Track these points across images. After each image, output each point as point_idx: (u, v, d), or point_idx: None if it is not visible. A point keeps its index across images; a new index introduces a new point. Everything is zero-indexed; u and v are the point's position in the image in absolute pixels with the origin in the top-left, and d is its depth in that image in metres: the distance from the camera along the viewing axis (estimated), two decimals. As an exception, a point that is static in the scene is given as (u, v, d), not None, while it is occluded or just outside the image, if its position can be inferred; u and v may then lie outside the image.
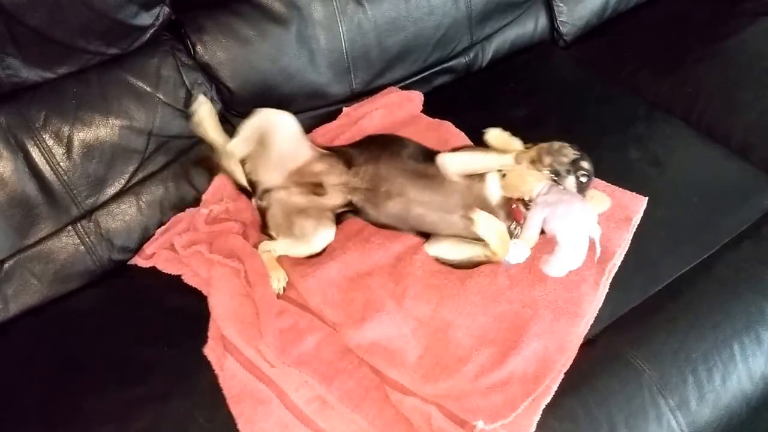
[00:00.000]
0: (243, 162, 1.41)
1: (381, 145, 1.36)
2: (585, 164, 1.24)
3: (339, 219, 1.36)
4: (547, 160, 1.20)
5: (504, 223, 1.23)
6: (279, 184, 1.36)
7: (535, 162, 1.21)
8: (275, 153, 1.37)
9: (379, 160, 1.32)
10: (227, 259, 1.32)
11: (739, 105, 1.59)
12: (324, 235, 1.31)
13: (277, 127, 1.37)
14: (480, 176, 1.27)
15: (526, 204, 1.23)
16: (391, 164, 1.31)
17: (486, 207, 1.25)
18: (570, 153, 1.21)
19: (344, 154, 1.37)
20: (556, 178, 1.22)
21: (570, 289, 1.20)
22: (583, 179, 1.23)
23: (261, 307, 1.23)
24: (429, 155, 1.33)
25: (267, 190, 1.37)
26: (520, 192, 1.23)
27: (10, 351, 1.27)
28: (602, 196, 1.30)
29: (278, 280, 1.28)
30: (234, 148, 1.39)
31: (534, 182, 1.22)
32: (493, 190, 1.27)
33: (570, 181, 1.22)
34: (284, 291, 1.29)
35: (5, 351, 1.27)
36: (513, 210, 1.25)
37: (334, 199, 1.34)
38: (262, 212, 1.38)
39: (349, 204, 1.34)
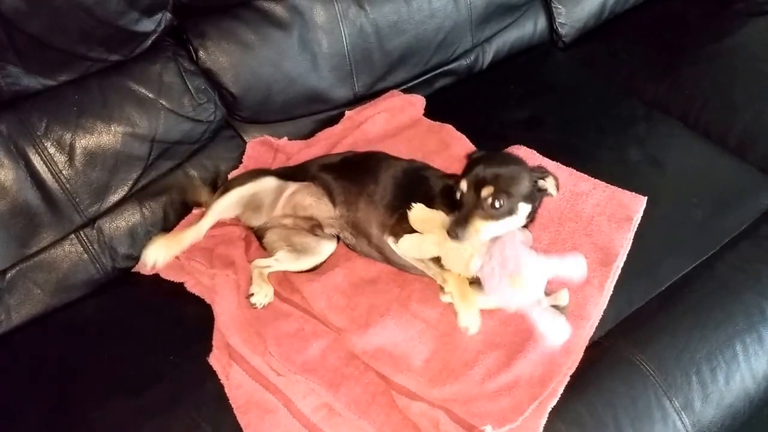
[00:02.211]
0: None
1: (360, 181, 1.30)
2: (486, 192, 1.10)
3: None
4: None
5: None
6: (276, 216, 1.35)
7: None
8: (263, 203, 1.35)
9: (357, 207, 1.29)
10: (227, 269, 1.31)
11: (736, 105, 1.61)
12: (326, 247, 1.31)
13: (258, 188, 1.34)
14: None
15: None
16: (368, 214, 1.28)
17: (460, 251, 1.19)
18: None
19: (325, 184, 1.33)
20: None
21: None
22: (496, 203, 1.10)
23: (254, 323, 1.23)
24: (404, 187, 1.28)
25: (264, 228, 1.36)
26: (466, 270, 1.13)
27: (13, 361, 1.26)
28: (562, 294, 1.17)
29: (264, 296, 1.26)
30: (202, 230, 1.33)
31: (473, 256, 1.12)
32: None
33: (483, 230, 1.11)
34: (269, 304, 1.27)
35: (9, 361, 1.26)
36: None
37: (329, 230, 1.34)
38: (259, 237, 1.37)
39: (341, 238, 1.34)
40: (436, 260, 1.17)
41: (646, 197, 1.36)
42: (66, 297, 1.35)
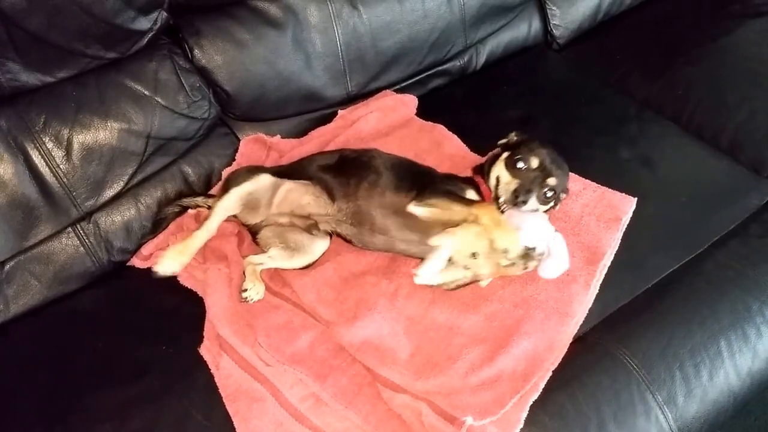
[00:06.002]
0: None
1: (357, 173, 1.33)
2: (551, 181, 1.21)
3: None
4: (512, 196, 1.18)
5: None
6: (272, 214, 1.37)
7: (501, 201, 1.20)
8: (260, 202, 1.37)
9: (358, 196, 1.31)
10: (220, 263, 1.34)
11: (728, 106, 1.62)
12: (319, 245, 1.33)
13: (254, 186, 1.35)
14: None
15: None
16: (369, 200, 1.30)
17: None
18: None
19: (324, 183, 1.35)
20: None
21: (561, 289, 1.22)
22: (549, 193, 1.21)
23: (245, 314, 1.25)
24: (406, 174, 1.32)
25: (259, 225, 1.38)
26: (500, 253, 1.18)
27: (11, 350, 1.29)
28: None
29: (257, 294, 1.28)
30: (213, 229, 1.35)
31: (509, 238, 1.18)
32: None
33: (533, 203, 1.20)
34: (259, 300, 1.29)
35: (5, 351, 1.29)
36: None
37: (325, 228, 1.35)
38: (254, 233, 1.39)
39: (338, 234, 1.36)
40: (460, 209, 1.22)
41: (636, 198, 1.36)
42: (63, 289, 1.38)
